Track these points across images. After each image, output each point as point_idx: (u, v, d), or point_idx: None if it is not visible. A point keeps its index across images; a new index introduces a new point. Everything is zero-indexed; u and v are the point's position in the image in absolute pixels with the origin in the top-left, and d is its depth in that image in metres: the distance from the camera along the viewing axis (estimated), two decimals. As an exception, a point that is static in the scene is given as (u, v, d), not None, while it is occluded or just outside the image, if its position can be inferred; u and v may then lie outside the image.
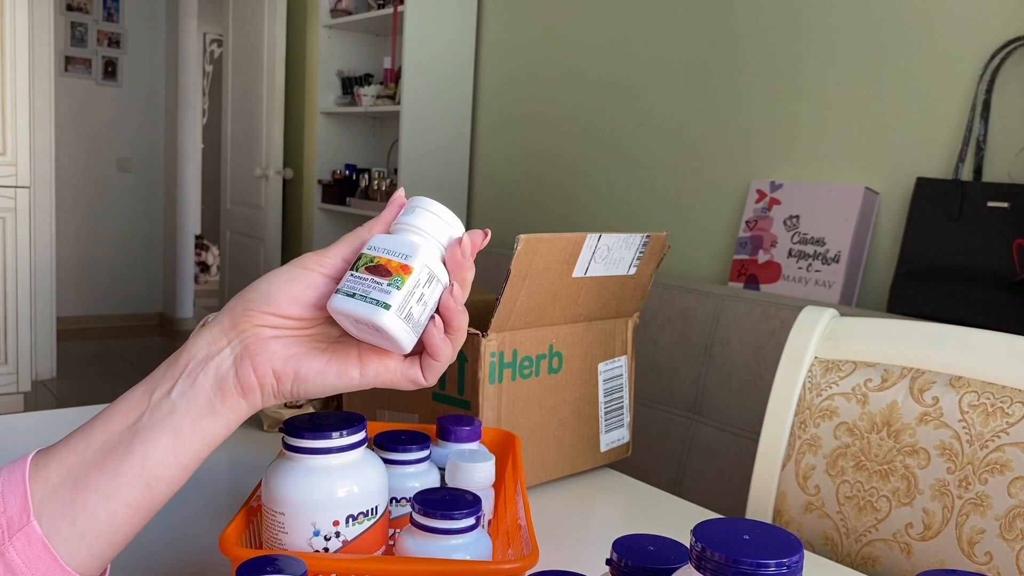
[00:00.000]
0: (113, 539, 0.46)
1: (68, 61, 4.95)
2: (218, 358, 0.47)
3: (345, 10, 3.15)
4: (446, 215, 0.50)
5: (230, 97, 4.08)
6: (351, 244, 0.50)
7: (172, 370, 0.47)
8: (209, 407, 0.47)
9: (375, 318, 0.46)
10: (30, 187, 3.38)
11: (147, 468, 0.45)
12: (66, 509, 0.44)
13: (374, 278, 0.47)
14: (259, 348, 0.48)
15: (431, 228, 0.49)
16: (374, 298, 0.46)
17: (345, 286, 0.47)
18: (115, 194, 5.24)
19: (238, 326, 0.48)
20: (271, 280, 0.48)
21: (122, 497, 0.45)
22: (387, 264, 0.47)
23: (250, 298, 0.48)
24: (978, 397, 0.81)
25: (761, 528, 0.36)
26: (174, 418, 0.46)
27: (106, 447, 0.45)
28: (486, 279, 2.35)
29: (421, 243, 0.49)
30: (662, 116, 2.27)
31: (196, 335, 0.48)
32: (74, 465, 0.44)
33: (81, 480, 0.44)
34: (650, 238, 0.89)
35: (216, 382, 0.47)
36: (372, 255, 0.48)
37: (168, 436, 0.45)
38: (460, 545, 0.51)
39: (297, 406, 1.01)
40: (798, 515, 0.93)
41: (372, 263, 0.48)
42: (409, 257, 0.47)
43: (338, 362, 0.49)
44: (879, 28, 1.80)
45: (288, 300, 0.48)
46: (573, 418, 0.91)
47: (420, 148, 2.79)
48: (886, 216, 1.80)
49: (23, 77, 3.27)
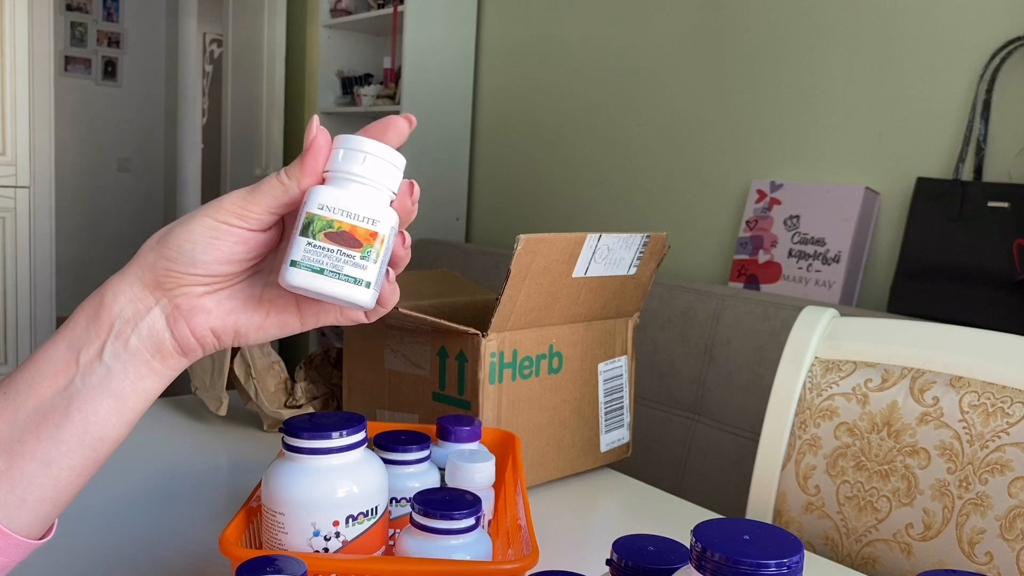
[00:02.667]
0: (57, 500, 0.45)
1: (68, 61, 4.95)
2: (148, 318, 0.45)
3: (345, 10, 3.15)
4: (392, 156, 0.44)
5: (230, 97, 4.08)
6: (275, 196, 0.44)
7: (95, 328, 0.44)
8: (148, 368, 0.45)
9: (354, 297, 0.43)
10: (30, 187, 3.38)
11: (90, 432, 0.44)
12: (2, 477, 0.43)
13: (342, 249, 0.42)
14: (192, 308, 0.45)
15: (383, 177, 0.44)
16: (349, 275, 0.42)
17: (306, 259, 0.42)
18: (115, 194, 5.24)
19: (162, 285, 0.45)
20: (191, 236, 0.44)
21: (64, 462, 0.44)
22: (352, 231, 0.42)
23: (171, 256, 0.44)
24: (978, 397, 0.81)
25: (761, 528, 0.36)
26: (111, 382, 0.44)
27: (38, 413, 0.43)
28: (486, 279, 2.34)
29: (382, 200, 0.44)
30: (662, 116, 2.27)
31: (113, 290, 0.45)
32: (4, 432, 0.43)
33: (16, 448, 0.43)
34: (650, 238, 0.89)
35: (153, 344, 0.45)
36: (330, 218, 0.42)
37: (109, 399, 0.44)
38: (460, 545, 0.51)
39: (297, 406, 1.01)
40: (798, 515, 0.93)
41: (333, 229, 0.42)
42: (377, 222, 0.43)
43: (277, 313, 0.48)
44: (879, 28, 1.80)
45: (216, 260, 0.44)
46: (573, 418, 0.91)
47: (420, 148, 2.79)
48: (886, 216, 1.80)
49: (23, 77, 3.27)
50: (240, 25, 3.95)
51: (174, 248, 0.44)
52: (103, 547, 0.69)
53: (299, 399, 1.01)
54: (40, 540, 0.46)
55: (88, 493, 0.79)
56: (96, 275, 5.18)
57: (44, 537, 0.46)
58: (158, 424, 1.02)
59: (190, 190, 5.27)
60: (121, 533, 0.71)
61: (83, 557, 0.67)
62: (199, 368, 1.02)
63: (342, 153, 0.44)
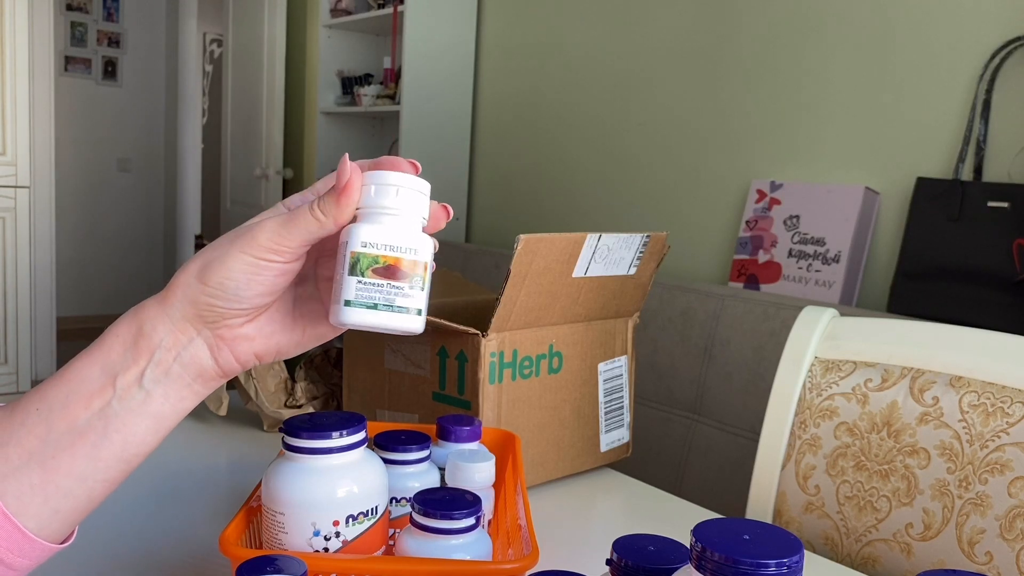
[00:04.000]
0: (87, 509, 0.46)
1: (68, 61, 4.95)
2: (190, 348, 0.46)
3: (345, 10, 3.15)
4: (420, 185, 0.46)
5: (230, 97, 4.07)
6: (313, 231, 0.45)
7: (134, 356, 0.45)
8: (189, 391, 0.47)
9: (408, 326, 0.45)
10: (30, 187, 3.38)
11: (127, 450, 0.45)
12: (35, 490, 0.44)
13: (391, 283, 0.44)
14: (235, 338, 0.47)
15: (415, 206, 0.46)
16: (401, 306, 0.44)
17: (359, 297, 0.44)
18: (115, 194, 5.24)
19: (204, 318, 0.46)
20: (232, 275, 0.45)
21: (100, 476, 0.45)
22: (398, 264, 0.45)
23: (214, 294, 0.45)
24: (978, 397, 0.81)
25: (761, 528, 0.36)
26: (151, 406, 0.45)
27: (73, 432, 0.44)
28: (486, 279, 2.34)
29: (417, 228, 0.46)
30: (662, 116, 2.27)
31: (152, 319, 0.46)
32: (36, 448, 0.44)
33: (50, 463, 0.44)
34: (650, 238, 0.89)
35: (195, 371, 0.47)
36: (375, 254, 0.44)
37: (147, 420, 0.46)
38: (460, 545, 0.51)
39: (297, 406, 1.01)
40: (798, 515, 0.93)
41: (378, 264, 0.45)
42: (418, 252, 0.45)
43: (312, 327, 0.50)
44: (879, 28, 1.80)
45: (258, 294, 0.46)
46: (573, 418, 0.91)
47: (420, 148, 2.79)
48: (886, 216, 1.80)
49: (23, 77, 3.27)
50: (240, 25, 3.95)
51: (216, 286, 0.45)
52: (103, 547, 0.69)
53: (299, 399, 1.01)
54: (62, 544, 0.47)
55: (88, 493, 0.79)
56: (96, 275, 5.18)
57: (66, 541, 0.47)
58: (158, 424, 1.02)
59: (190, 190, 5.27)
60: (121, 533, 0.71)
61: (83, 557, 0.67)
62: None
63: (374, 189, 0.46)
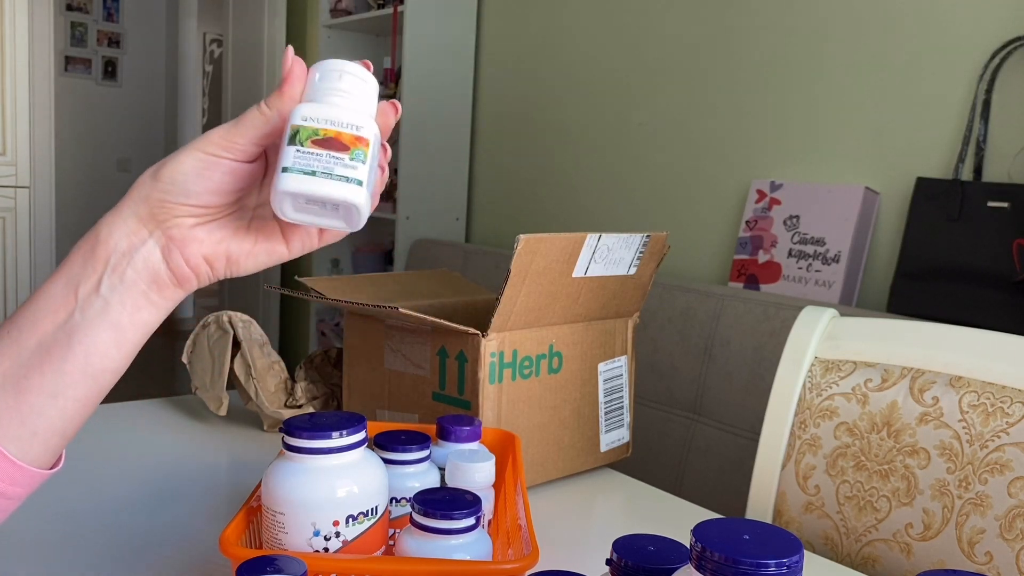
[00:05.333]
0: (65, 431, 0.47)
1: (68, 61, 4.95)
2: (143, 250, 0.47)
3: (345, 10, 3.15)
4: (365, 74, 0.46)
5: (230, 97, 4.07)
6: (259, 126, 0.46)
7: (92, 264, 0.46)
8: (145, 299, 0.47)
9: (349, 196, 0.44)
10: (30, 187, 3.38)
11: (91, 363, 0.46)
12: (12, 412, 0.45)
13: (330, 152, 0.43)
14: (185, 238, 0.48)
15: (360, 93, 0.46)
16: (341, 175, 0.43)
17: (296, 164, 0.43)
18: (115, 194, 5.23)
19: (156, 217, 0.47)
20: (183, 168, 0.46)
21: (70, 393, 0.46)
22: (339, 136, 0.43)
23: (165, 189, 0.46)
24: (978, 397, 0.81)
25: (761, 528, 0.36)
26: (109, 314, 0.46)
27: (41, 348, 0.45)
28: (486, 279, 2.35)
29: (363, 112, 0.45)
30: (662, 116, 2.27)
31: (108, 225, 0.47)
32: (10, 370, 0.45)
33: (22, 384, 0.45)
34: (650, 238, 0.89)
35: (149, 276, 0.47)
36: (315, 127, 0.43)
37: (108, 331, 0.46)
38: (460, 545, 0.51)
39: (297, 406, 1.01)
40: (798, 515, 0.93)
41: (318, 136, 0.43)
42: (360, 128, 0.44)
43: (265, 240, 0.50)
44: (879, 28, 1.80)
45: (207, 191, 0.47)
46: (573, 418, 0.91)
47: (420, 148, 2.79)
48: (886, 216, 1.80)
49: (23, 77, 3.27)
50: (240, 25, 3.95)
51: (167, 181, 0.46)
52: (103, 546, 0.69)
53: (299, 399, 1.01)
54: (50, 470, 0.48)
55: (88, 493, 0.79)
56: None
57: (54, 468, 0.48)
58: (158, 424, 1.02)
59: (190, 190, 5.27)
60: (121, 533, 0.71)
61: (83, 556, 0.67)
62: (199, 368, 1.02)
63: (319, 75, 0.46)
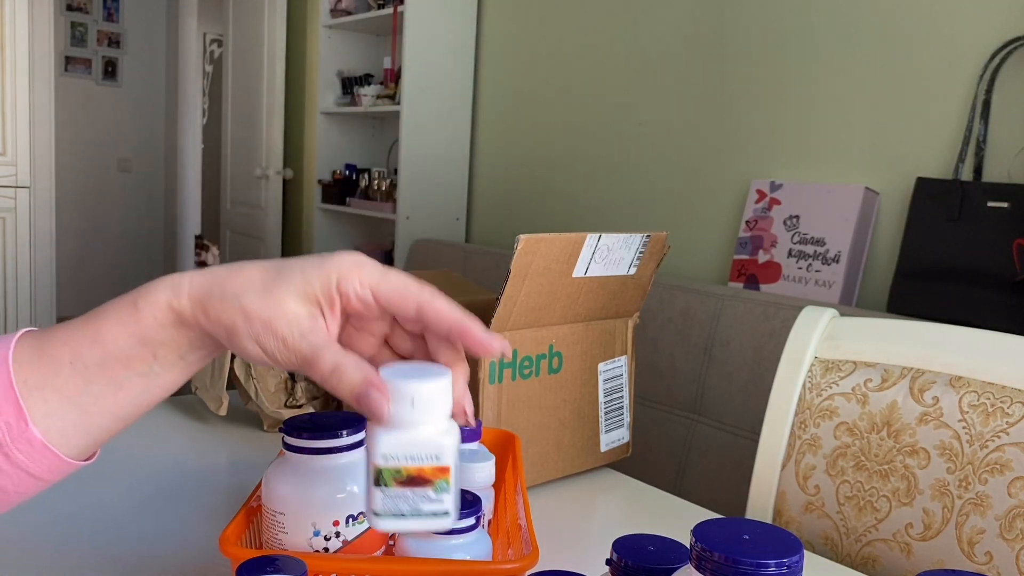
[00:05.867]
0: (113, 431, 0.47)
1: (68, 61, 4.95)
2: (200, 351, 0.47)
3: (345, 10, 3.15)
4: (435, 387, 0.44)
5: (230, 97, 4.07)
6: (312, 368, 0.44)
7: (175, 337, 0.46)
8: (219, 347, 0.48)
9: (438, 528, 0.44)
10: (30, 187, 3.38)
11: (167, 393, 0.47)
12: (77, 428, 0.45)
13: (415, 491, 0.43)
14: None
15: (434, 409, 0.44)
16: (428, 511, 0.44)
17: (386, 508, 0.43)
18: (115, 194, 5.24)
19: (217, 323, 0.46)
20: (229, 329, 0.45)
21: (138, 413, 0.47)
22: (420, 473, 0.43)
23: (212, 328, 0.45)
24: (978, 397, 0.81)
25: (761, 528, 0.36)
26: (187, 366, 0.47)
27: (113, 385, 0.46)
28: (486, 279, 2.34)
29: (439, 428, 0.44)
30: (662, 116, 2.27)
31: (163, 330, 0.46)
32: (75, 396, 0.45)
33: (92, 409, 0.45)
34: (650, 238, 0.89)
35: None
36: (397, 466, 0.43)
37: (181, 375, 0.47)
38: (460, 545, 0.51)
39: (297, 406, 1.01)
40: (798, 515, 0.93)
41: (401, 476, 0.43)
42: (440, 457, 0.44)
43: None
44: (879, 28, 1.80)
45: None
46: (573, 418, 0.91)
47: (420, 148, 2.79)
48: (886, 216, 1.80)
49: (23, 77, 3.27)
50: (240, 25, 3.95)
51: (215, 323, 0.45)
52: (103, 546, 0.69)
53: (299, 399, 1.01)
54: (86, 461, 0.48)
55: (88, 492, 0.79)
56: (96, 275, 5.18)
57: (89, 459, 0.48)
58: (158, 424, 1.02)
59: (190, 190, 5.27)
60: (121, 533, 0.71)
61: (83, 556, 0.67)
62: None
63: (394, 399, 0.44)
